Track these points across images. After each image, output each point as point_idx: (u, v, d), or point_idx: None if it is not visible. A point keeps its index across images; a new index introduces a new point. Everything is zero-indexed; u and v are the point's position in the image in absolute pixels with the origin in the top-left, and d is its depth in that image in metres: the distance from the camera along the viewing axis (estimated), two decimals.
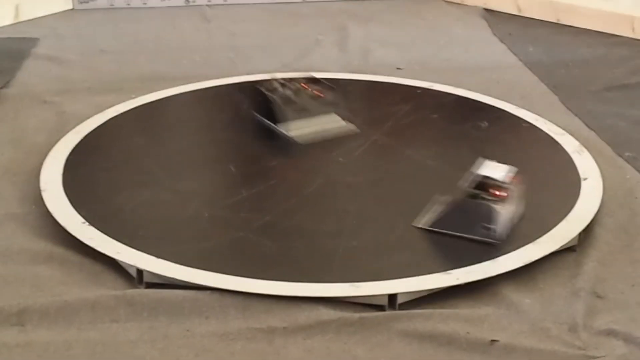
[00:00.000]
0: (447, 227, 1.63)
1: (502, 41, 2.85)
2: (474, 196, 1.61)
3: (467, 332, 1.38)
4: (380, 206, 1.75)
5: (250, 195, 1.77)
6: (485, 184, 1.62)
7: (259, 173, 1.89)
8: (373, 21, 3.04)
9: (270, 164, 1.92)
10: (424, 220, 1.66)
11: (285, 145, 2.02)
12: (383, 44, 2.80)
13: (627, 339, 1.38)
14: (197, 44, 2.78)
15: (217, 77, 2.42)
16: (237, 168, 1.91)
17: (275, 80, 2.10)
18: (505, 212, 1.60)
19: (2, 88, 2.34)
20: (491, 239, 1.59)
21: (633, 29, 2.85)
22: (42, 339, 1.36)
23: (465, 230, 1.61)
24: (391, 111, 2.20)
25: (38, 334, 1.38)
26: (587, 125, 2.18)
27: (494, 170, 1.65)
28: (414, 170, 1.91)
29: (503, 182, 1.62)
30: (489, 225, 1.60)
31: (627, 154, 2.02)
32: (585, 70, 2.58)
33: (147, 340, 1.37)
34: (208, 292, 1.46)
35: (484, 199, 1.61)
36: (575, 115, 2.24)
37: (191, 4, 3.13)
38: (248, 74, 2.46)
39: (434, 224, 1.64)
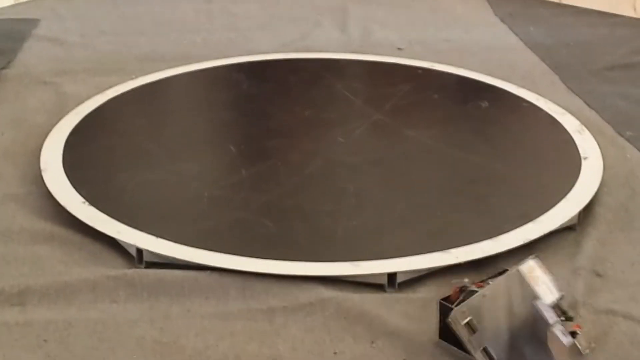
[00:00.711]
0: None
1: (503, 21, 2.84)
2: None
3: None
4: (380, 186, 1.76)
5: (250, 175, 1.78)
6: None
7: (258, 153, 1.90)
8: (374, 2, 3.03)
9: (270, 144, 1.93)
10: None
11: (284, 125, 2.03)
12: (384, 24, 2.80)
13: (627, 317, 1.38)
14: (198, 25, 2.78)
15: (218, 58, 2.41)
16: (237, 148, 1.91)
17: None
18: None
19: (3, 69, 2.34)
20: None
21: (635, 9, 2.85)
22: (43, 318, 1.37)
23: None
24: (392, 91, 2.20)
25: (38, 313, 1.39)
26: (588, 104, 2.18)
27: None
28: (413, 150, 1.91)
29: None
30: None
31: (628, 133, 2.02)
32: (587, 50, 2.58)
33: (147, 320, 1.37)
34: (208, 272, 1.46)
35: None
36: (576, 95, 2.24)
37: None
38: (248, 54, 2.46)
39: None
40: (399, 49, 2.56)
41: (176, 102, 2.19)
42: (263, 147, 1.92)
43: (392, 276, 1.45)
